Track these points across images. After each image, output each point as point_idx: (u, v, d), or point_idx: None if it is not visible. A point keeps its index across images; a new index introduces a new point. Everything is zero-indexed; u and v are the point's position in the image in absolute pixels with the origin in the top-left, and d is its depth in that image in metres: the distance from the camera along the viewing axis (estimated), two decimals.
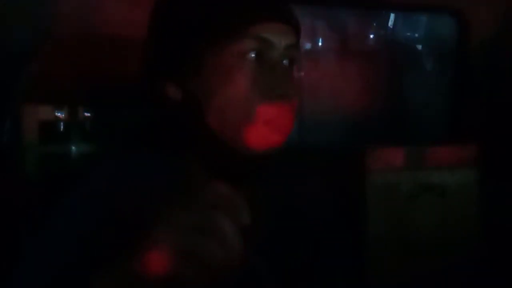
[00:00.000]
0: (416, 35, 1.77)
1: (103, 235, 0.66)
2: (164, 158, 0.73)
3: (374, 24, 1.74)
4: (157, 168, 0.72)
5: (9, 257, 0.73)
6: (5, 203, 0.97)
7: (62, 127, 1.16)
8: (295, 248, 0.74)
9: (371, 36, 1.74)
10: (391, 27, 1.76)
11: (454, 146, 1.36)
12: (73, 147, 1.16)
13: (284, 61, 0.68)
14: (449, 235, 1.31)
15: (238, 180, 0.69)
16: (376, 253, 1.24)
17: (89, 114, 1.18)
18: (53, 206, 0.70)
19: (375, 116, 1.64)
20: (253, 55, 0.66)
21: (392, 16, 1.75)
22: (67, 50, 1.05)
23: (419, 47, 1.76)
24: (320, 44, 1.67)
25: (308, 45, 1.65)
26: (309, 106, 1.59)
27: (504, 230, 1.36)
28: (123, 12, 1.03)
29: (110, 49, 1.08)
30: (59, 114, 1.16)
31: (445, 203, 1.30)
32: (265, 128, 0.66)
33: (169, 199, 0.66)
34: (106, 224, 0.67)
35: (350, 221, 0.94)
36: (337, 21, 1.68)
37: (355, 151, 1.28)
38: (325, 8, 1.61)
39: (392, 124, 1.68)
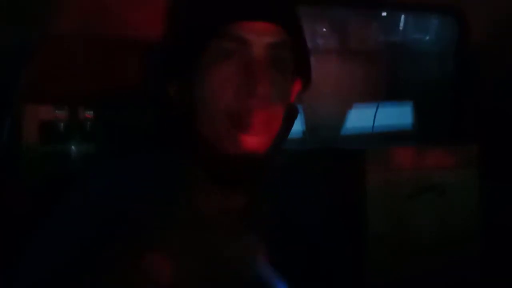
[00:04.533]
0: (417, 35, 1.77)
1: (101, 236, 0.67)
2: (163, 159, 0.73)
3: (374, 24, 1.74)
4: (155, 169, 0.72)
5: (8, 258, 0.73)
6: (4, 204, 0.97)
7: (62, 127, 1.16)
8: (295, 249, 0.74)
9: (372, 36, 1.74)
10: (392, 27, 1.76)
11: (454, 146, 1.36)
12: (73, 147, 1.16)
13: (269, 61, 0.65)
14: (449, 235, 1.31)
15: (235, 184, 0.70)
16: (376, 253, 1.24)
17: (89, 114, 1.18)
18: (52, 207, 0.70)
19: (376, 116, 1.64)
20: (231, 55, 0.64)
21: (388, 15, 1.75)
22: (67, 50, 1.05)
23: (420, 47, 1.76)
24: (321, 44, 1.68)
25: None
26: (309, 106, 1.59)
27: (504, 230, 1.36)
28: (123, 13, 1.03)
29: (110, 50, 1.08)
30: (59, 114, 1.16)
31: (445, 203, 1.30)
32: (238, 130, 0.64)
33: (167, 210, 0.67)
34: (104, 225, 0.67)
35: (350, 221, 0.94)
36: (337, 21, 1.68)
37: (355, 151, 1.28)
38: (325, 8, 1.61)
39: (392, 124, 1.68)
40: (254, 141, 0.65)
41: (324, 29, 1.67)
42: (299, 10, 0.70)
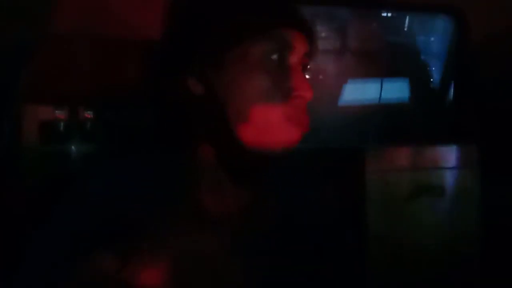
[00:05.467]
0: (417, 35, 1.77)
1: (101, 237, 0.67)
2: (163, 158, 0.73)
3: (374, 24, 1.74)
4: (156, 169, 0.72)
5: (9, 258, 0.73)
6: (4, 204, 0.97)
7: (62, 127, 1.16)
8: (294, 248, 0.74)
9: (372, 36, 1.74)
10: (393, 27, 1.76)
11: (454, 146, 1.36)
12: (73, 147, 1.16)
13: (301, 66, 0.72)
14: (448, 235, 1.31)
15: (245, 179, 0.71)
16: (376, 253, 1.24)
17: (89, 114, 1.18)
18: (52, 207, 0.70)
19: (376, 117, 1.64)
20: (275, 57, 0.69)
21: (389, 16, 1.75)
22: (67, 50, 1.05)
23: (420, 47, 1.77)
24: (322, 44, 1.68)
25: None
26: (309, 106, 1.59)
27: (504, 230, 1.36)
28: (124, 12, 1.03)
29: (110, 49, 1.08)
30: (59, 114, 1.16)
31: (445, 203, 1.30)
32: (285, 126, 0.68)
33: (167, 210, 0.67)
34: (104, 225, 0.67)
35: (350, 221, 0.94)
36: (338, 21, 1.69)
37: (356, 151, 1.28)
38: (325, 8, 1.62)
39: (392, 124, 1.68)
40: (296, 136, 0.70)
41: (325, 29, 1.67)
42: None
